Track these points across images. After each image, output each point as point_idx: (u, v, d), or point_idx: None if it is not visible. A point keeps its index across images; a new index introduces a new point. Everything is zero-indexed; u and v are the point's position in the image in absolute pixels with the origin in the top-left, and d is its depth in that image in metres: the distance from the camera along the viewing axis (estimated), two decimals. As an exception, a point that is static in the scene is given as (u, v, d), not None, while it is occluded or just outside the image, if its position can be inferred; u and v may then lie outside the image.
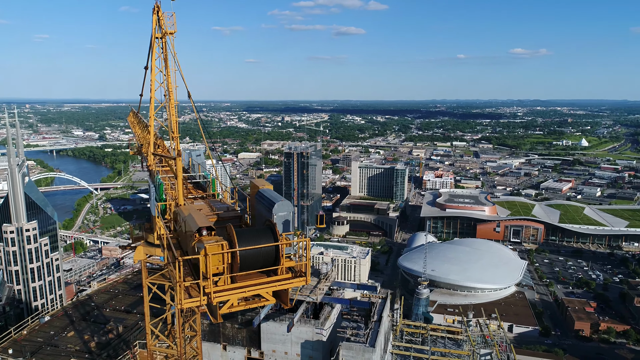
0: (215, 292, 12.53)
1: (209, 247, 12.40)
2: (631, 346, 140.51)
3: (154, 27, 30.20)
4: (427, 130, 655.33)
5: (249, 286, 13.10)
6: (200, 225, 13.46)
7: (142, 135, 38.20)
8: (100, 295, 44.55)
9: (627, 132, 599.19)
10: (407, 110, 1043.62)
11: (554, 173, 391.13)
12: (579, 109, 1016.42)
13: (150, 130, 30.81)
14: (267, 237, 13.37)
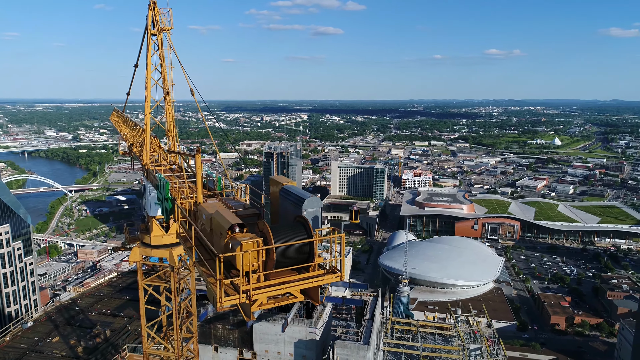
0: (255, 290, 12.41)
1: (245, 243, 12.29)
2: (604, 338, 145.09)
3: (150, 23, 29.69)
4: (406, 130, 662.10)
5: (285, 283, 13.05)
6: (233, 223, 13.35)
7: (132, 135, 37.62)
8: (85, 299, 43.57)
9: (597, 131, 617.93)
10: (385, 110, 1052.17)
11: (529, 171, 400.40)
12: (552, 109, 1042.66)
13: (147, 129, 30.39)
14: (300, 233, 13.30)
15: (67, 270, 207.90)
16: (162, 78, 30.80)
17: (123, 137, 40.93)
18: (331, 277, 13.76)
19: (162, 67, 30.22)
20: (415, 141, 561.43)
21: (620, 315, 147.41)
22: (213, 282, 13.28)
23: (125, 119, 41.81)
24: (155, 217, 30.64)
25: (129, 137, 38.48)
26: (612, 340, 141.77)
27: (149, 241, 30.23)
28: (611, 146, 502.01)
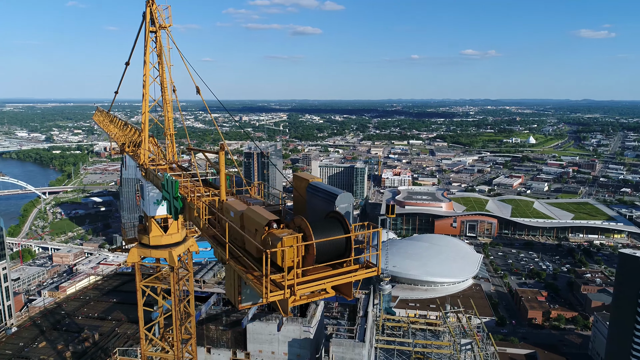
0: (299, 285, 12.49)
1: (287, 239, 12.32)
2: (579, 331, 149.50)
3: (147, 20, 29.25)
4: (385, 129, 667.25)
5: (325, 278, 13.12)
6: (270, 219, 13.44)
7: (123, 134, 37.10)
8: (70, 303, 42.71)
9: (570, 130, 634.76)
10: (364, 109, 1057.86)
11: (505, 169, 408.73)
12: (526, 108, 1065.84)
13: (145, 127, 30.05)
14: (337, 229, 13.34)
15: (42, 275, 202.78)
16: (160, 76, 30.46)
17: (112, 137, 40.29)
18: (367, 271, 13.84)
19: (161, 65, 29.88)
20: (394, 140, 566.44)
21: (594, 309, 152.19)
22: (252, 278, 13.34)
23: (112, 117, 41.14)
24: (154, 216, 30.34)
25: (119, 136, 37.93)
26: (587, 333, 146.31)
27: (148, 242, 29.87)
28: (583, 144, 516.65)
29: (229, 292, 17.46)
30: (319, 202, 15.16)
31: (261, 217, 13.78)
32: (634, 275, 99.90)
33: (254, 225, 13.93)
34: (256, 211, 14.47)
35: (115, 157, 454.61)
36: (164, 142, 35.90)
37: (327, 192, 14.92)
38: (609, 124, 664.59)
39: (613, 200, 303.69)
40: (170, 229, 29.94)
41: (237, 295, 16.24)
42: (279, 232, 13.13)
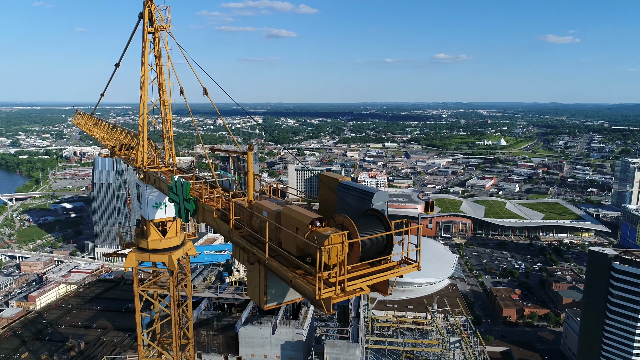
0: (349, 282, 12.59)
1: (334, 236, 12.36)
2: (552, 328, 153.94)
3: (146, 21, 28.75)
4: (360, 132, 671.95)
5: (370, 274, 13.29)
6: (314, 217, 13.56)
7: (112, 137, 36.42)
8: (52, 312, 41.48)
9: (539, 132, 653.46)
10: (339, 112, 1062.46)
11: (478, 171, 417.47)
12: (497, 111, 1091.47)
13: (144, 130, 29.65)
14: (377, 226, 13.53)
15: (10, 284, 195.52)
16: (158, 77, 30.08)
17: (100, 141, 39.46)
18: (408, 267, 14.14)
19: (159, 66, 29.53)
20: (369, 143, 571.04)
21: (565, 305, 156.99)
22: (295, 276, 13.49)
23: (97, 120, 40.34)
24: (152, 220, 29.87)
25: (107, 139, 37.24)
26: (559, 329, 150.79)
27: (146, 246, 29.39)
28: (551, 146, 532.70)
29: (253, 293, 17.44)
30: (352, 201, 15.29)
31: (304, 215, 13.86)
32: (603, 272, 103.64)
33: (296, 224, 13.93)
34: (297, 210, 14.53)
35: (86, 162, 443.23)
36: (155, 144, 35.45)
37: (361, 191, 15.10)
38: (576, 126, 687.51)
39: (581, 200, 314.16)
40: (169, 233, 29.62)
41: (263, 296, 16.25)
42: (323, 229, 13.24)
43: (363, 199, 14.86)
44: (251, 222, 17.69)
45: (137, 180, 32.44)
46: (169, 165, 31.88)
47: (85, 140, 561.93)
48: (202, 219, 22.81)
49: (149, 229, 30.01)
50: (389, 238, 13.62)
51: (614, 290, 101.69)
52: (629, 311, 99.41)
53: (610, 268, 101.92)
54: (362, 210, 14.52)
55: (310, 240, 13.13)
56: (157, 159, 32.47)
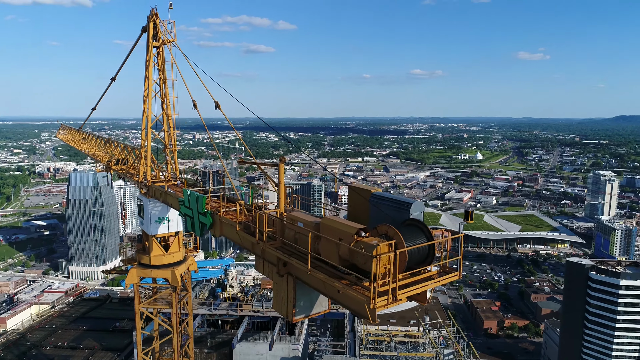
0: (400, 290, 12.65)
1: (382, 246, 12.47)
2: (532, 339, 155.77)
3: (150, 35, 28.50)
4: (339, 147, 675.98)
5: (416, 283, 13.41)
6: (359, 228, 13.65)
7: (106, 152, 35.65)
8: (35, 333, 39.73)
9: (513, 146, 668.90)
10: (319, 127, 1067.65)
11: (456, 184, 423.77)
12: (473, 125, 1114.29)
13: (147, 143, 29.15)
14: (419, 236, 13.70)
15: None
16: (161, 92, 29.68)
17: (92, 155, 38.57)
18: (450, 276, 14.42)
19: (163, 80, 29.17)
20: (349, 157, 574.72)
21: (544, 316, 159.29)
22: (343, 286, 13.52)
23: (86, 135, 39.50)
24: (155, 235, 29.16)
25: (100, 154, 36.48)
26: (539, 340, 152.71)
27: (148, 261, 28.58)
28: (526, 159, 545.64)
29: (280, 306, 17.33)
30: (388, 211, 15.47)
31: (348, 225, 13.99)
32: (580, 282, 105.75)
33: (339, 234, 14.00)
34: (339, 220, 14.66)
35: (61, 178, 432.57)
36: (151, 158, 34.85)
37: (397, 201, 15.36)
38: (548, 140, 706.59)
39: (555, 212, 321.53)
40: (172, 248, 28.99)
41: (292, 309, 16.18)
42: (369, 239, 13.34)
43: (400, 209, 15.12)
44: (284, 233, 17.65)
45: (139, 195, 31.79)
46: (173, 179, 31.41)
47: (60, 156, 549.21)
48: (220, 232, 22.62)
49: (151, 244, 29.30)
50: (430, 247, 13.89)
51: (592, 300, 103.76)
52: (607, 320, 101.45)
53: (587, 278, 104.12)
54: (399, 220, 14.72)
55: (357, 250, 13.21)
56: (159, 173, 31.98)
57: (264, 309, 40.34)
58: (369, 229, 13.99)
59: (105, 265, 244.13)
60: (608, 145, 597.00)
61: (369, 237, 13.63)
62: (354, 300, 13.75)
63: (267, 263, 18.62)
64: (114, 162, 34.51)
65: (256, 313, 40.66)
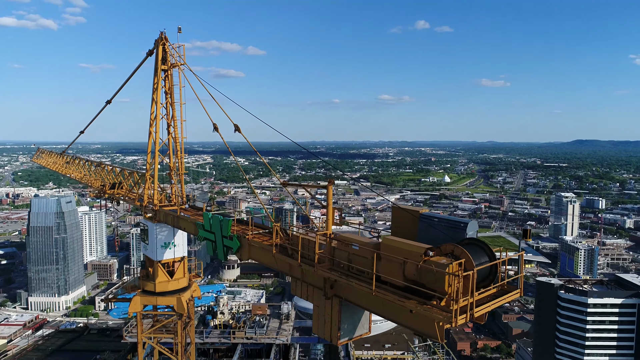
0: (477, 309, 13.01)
1: (454, 265, 12.69)
2: (504, 359, 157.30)
3: (159, 58, 28.22)
4: (310, 170, 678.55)
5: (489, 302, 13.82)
6: (427, 247, 13.86)
7: (98, 176, 34.62)
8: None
9: (479, 169, 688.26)
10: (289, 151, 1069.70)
11: (425, 207, 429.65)
12: (440, 149, 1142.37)
13: (155, 168, 28.48)
14: (482, 255, 13.99)
15: None
16: (168, 114, 29.13)
17: (81, 180, 37.31)
18: (512, 294, 14.96)
19: (171, 103, 28.72)
20: (320, 181, 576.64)
21: (515, 336, 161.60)
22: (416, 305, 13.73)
23: (70, 158, 38.25)
24: (160, 261, 28.09)
25: (91, 178, 35.42)
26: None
27: (153, 288, 27.42)
28: (491, 182, 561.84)
29: (323, 329, 17.20)
30: (441, 231, 15.82)
31: (416, 246, 14.27)
32: (551, 301, 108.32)
33: (404, 255, 14.19)
34: (403, 240, 14.83)
35: (21, 204, 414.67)
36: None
37: (451, 221, 15.66)
38: (512, 163, 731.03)
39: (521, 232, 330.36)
40: (177, 274, 28.04)
41: (337, 332, 16.12)
42: (437, 259, 13.56)
43: (455, 228, 15.61)
44: (334, 255, 17.55)
45: (142, 219, 30.84)
46: (183, 204, 30.75)
47: (19, 181, 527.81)
48: (248, 255, 22.37)
49: (156, 271, 28.28)
50: (492, 266, 14.42)
51: (562, 319, 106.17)
52: (577, 338, 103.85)
53: (557, 297, 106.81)
54: (455, 240, 15.01)
55: (425, 269, 13.37)
56: (164, 197, 31.24)
57: (258, 336, 39.31)
58: (433, 248, 14.24)
59: (68, 295, 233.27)
60: (567, 168, 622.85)
61: (436, 256, 13.92)
62: (423, 319, 14.00)
63: (308, 286, 18.59)
64: (109, 186, 33.53)
65: (249, 340, 39.60)
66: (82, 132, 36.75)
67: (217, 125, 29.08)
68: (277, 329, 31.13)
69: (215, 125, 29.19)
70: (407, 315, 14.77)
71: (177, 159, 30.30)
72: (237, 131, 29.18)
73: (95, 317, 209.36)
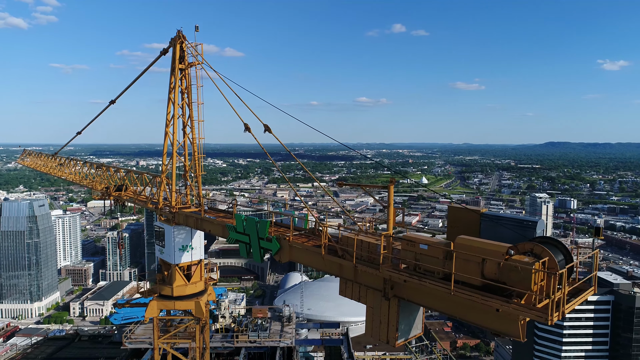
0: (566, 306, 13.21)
1: (538, 264, 12.90)
2: (483, 358, 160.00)
3: (177, 57, 27.60)
4: (289, 172, 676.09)
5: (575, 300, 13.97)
6: (508, 247, 13.91)
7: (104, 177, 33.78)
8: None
9: (455, 171, 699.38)
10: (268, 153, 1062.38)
11: (403, 208, 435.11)
12: (417, 151, 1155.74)
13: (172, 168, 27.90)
14: (557, 253, 14.08)
15: None
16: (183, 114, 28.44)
17: (80, 182, 36.28)
18: (589, 292, 15.09)
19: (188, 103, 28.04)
20: (299, 183, 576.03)
21: (493, 334, 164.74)
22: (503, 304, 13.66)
23: (64, 160, 37.16)
24: (178, 264, 27.38)
25: (95, 181, 34.50)
26: (490, 358, 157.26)
27: (170, 292, 26.68)
28: (468, 183, 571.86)
29: (379, 331, 17.11)
30: (508, 230, 15.83)
31: (498, 245, 14.27)
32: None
33: (484, 254, 14.20)
34: (480, 240, 14.82)
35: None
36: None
37: (519, 220, 15.88)
38: (487, 165, 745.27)
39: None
40: (194, 277, 27.41)
41: (394, 332, 16.04)
42: (519, 257, 13.68)
43: (525, 227, 15.55)
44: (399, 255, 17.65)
45: (158, 222, 30.09)
46: (198, 206, 30.22)
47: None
48: (289, 257, 22.14)
49: (173, 275, 27.57)
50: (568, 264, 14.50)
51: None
52: (555, 335, 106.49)
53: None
54: (524, 238, 15.12)
55: (511, 268, 13.45)
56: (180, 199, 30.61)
57: (261, 339, 38.94)
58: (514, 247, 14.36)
59: (41, 301, 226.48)
60: (540, 170, 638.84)
61: (516, 255, 14.10)
62: (504, 318, 14.07)
63: (360, 286, 18.27)
64: (114, 188, 32.71)
65: (253, 344, 39.24)
66: (79, 132, 35.88)
67: (249, 126, 28.57)
68: (280, 331, 31.11)
69: (246, 125, 28.78)
70: (486, 315, 14.77)
71: (194, 160, 29.86)
72: (267, 131, 28.90)
73: (70, 323, 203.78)
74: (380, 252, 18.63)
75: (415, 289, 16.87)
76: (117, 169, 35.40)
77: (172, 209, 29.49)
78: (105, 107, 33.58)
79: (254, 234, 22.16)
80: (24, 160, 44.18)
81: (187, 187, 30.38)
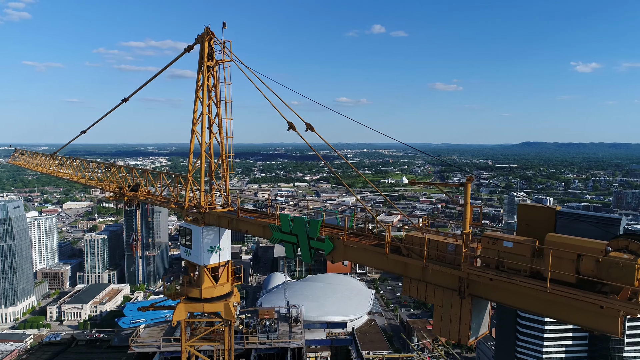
0: None
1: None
2: (465, 354, 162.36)
3: (205, 54, 26.91)
4: (270, 172, 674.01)
5: None
6: (606, 244, 14.03)
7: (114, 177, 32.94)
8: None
9: (435, 170, 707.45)
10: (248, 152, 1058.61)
11: (385, 207, 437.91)
12: (397, 151, 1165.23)
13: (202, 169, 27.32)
14: None
15: None
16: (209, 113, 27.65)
17: (86, 183, 35.22)
18: None
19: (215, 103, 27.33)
20: (280, 183, 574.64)
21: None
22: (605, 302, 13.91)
23: (63, 160, 36.05)
24: (207, 266, 26.65)
25: (105, 181, 33.59)
26: (472, 354, 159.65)
27: (199, 294, 26.00)
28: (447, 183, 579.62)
29: (449, 330, 17.00)
30: (588, 228, 15.88)
31: (595, 242, 14.32)
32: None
33: (580, 251, 14.28)
34: (573, 237, 14.84)
35: None
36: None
37: (599, 217, 16.03)
38: (466, 164, 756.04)
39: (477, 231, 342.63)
40: (221, 279, 26.80)
41: (467, 331, 15.94)
42: (616, 254, 13.80)
43: (608, 224, 15.67)
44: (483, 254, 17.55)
45: (184, 223, 29.34)
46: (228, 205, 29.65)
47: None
48: (344, 257, 21.79)
49: (202, 276, 26.91)
50: None
51: (522, 312, 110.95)
52: (536, 331, 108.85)
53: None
54: (606, 236, 15.13)
55: (611, 264, 13.55)
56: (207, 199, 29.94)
57: (272, 340, 38.65)
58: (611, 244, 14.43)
59: (16, 305, 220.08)
60: (517, 169, 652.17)
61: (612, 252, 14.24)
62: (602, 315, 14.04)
63: (427, 285, 18.63)
64: (128, 188, 31.90)
65: (263, 345, 38.88)
66: (84, 131, 34.95)
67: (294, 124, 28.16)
68: (289, 332, 31.01)
69: (290, 124, 28.34)
70: (583, 312, 14.71)
71: (223, 159, 29.41)
72: (308, 130, 28.58)
73: (47, 327, 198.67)
74: (455, 251, 18.88)
75: (498, 287, 16.70)
76: (129, 168, 34.65)
77: (201, 209, 28.98)
78: (117, 104, 32.84)
79: (303, 234, 21.87)
80: (17, 160, 42.76)
81: (213, 187, 29.97)
